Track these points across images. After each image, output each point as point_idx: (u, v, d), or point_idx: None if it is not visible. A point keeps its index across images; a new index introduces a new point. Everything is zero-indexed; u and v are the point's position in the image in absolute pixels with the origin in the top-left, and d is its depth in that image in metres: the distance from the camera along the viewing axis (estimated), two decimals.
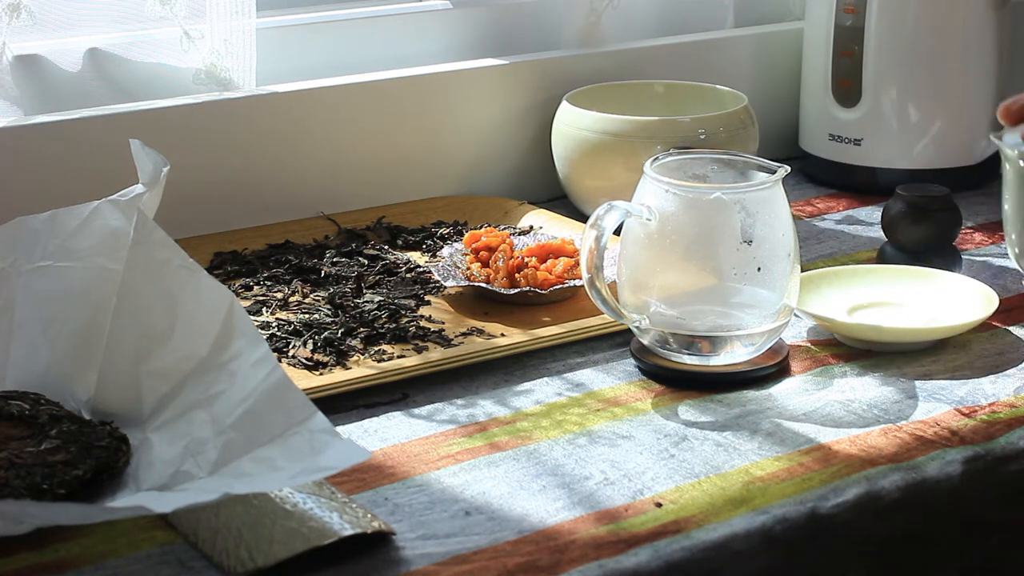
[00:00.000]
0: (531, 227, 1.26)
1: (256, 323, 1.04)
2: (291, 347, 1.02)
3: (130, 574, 0.77)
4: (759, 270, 0.97)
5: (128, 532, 0.81)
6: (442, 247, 1.21)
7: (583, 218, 1.16)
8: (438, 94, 1.33)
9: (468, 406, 0.96)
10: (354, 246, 1.22)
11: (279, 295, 1.12)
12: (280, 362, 0.89)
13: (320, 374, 0.99)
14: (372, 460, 0.88)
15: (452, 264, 1.14)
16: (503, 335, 1.06)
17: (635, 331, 1.00)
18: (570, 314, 1.09)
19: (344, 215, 1.29)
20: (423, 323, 1.07)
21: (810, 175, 1.45)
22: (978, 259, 1.22)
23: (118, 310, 0.91)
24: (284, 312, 1.09)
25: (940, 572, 0.90)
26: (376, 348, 1.03)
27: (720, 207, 0.96)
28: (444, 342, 1.04)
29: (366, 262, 1.19)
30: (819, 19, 1.41)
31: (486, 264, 1.13)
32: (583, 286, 0.97)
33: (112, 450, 0.85)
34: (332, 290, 1.12)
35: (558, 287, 1.10)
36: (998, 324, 1.08)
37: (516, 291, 1.09)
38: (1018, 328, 1.08)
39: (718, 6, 1.53)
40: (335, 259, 1.19)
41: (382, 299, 1.10)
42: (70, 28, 1.23)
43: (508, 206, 1.31)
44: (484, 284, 1.10)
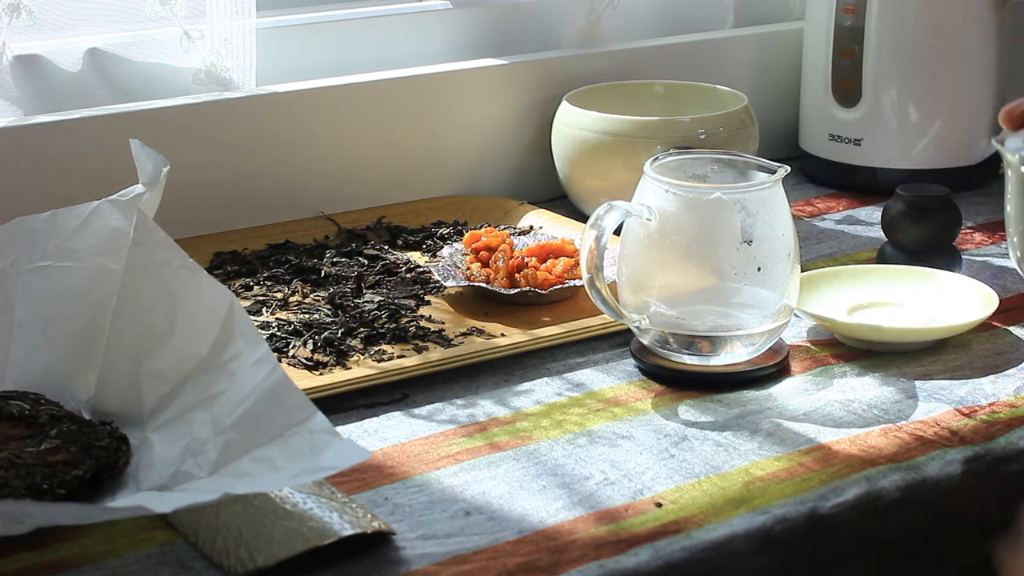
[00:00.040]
0: (531, 227, 1.26)
1: (256, 323, 1.04)
2: (291, 347, 1.02)
3: (130, 574, 0.77)
4: (759, 270, 0.97)
5: (128, 532, 0.81)
6: (442, 247, 1.21)
7: (583, 218, 1.16)
8: (438, 94, 1.33)
9: (468, 406, 0.96)
10: (354, 246, 1.22)
11: (279, 295, 1.12)
12: (280, 362, 0.89)
13: (320, 374, 0.99)
14: (372, 460, 0.88)
15: (452, 264, 1.14)
16: (503, 335, 1.05)
17: (635, 331, 1.00)
18: (570, 314, 1.09)
19: (344, 215, 1.29)
20: (423, 323, 1.07)
21: (810, 175, 1.45)
22: (978, 259, 1.22)
23: (118, 310, 0.91)
24: (284, 312, 1.09)
25: (940, 572, 0.90)
26: (376, 348, 1.03)
27: (720, 207, 0.96)
28: (444, 342, 1.04)
29: (366, 262, 1.18)
30: (819, 19, 1.41)
31: (486, 264, 1.13)
32: (583, 286, 0.97)
33: (112, 450, 0.85)
34: (332, 290, 1.12)
35: (558, 287, 1.10)
36: (998, 324, 1.08)
37: (516, 291, 1.09)
38: (1018, 328, 1.08)
39: (718, 6, 1.53)
40: (335, 259, 1.19)
41: (382, 299, 1.10)
42: (70, 28, 1.23)
43: (508, 206, 1.31)
44: (484, 284, 1.10)
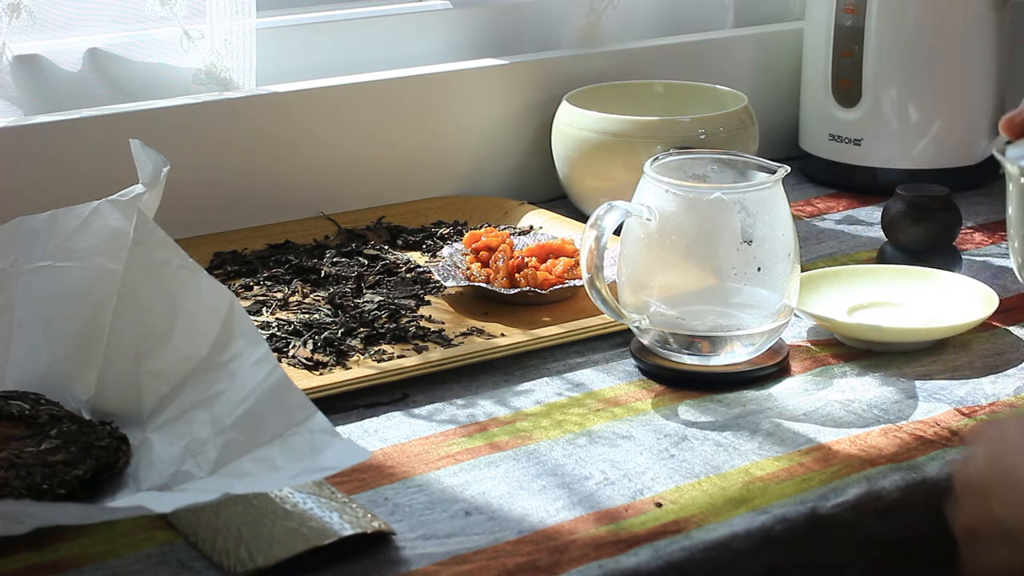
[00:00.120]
0: (531, 227, 1.26)
1: (256, 323, 1.04)
2: (291, 347, 1.02)
3: (130, 574, 0.77)
4: (759, 270, 0.97)
5: (128, 532, 0.81)
6: (442, 247, 1.21)
7: (583, 218, 1.16)
8: (438, 94, 1.33)
9: (468, 406, 0.96)
10: (354, 246, 1.22)
11: (279, 295, 1.12)
12: (280, 362, 0.89)
13: (320, 374, 0.99)
14: (372, 460, 0.88)
15: (452, 264, 1.14)
16: (503, 335, 1.05)
17: (635, 331, 1.00)
18: (570, 314, 1.09)
19: (344, 215, 1.28)
20: (423, 323, 1.07)
21: (810, 175, 1.45)
22: (978, 259, 1.22)
23: (118, 310, 0.91)
24: (284, 312, 1.09)
25: (940, 572, 0.90)
26: (376, 348, 1.03)
27: (720, 207, 0.96)
28: (444, 342, 1.04)
29: (366, 262, 1.18)
30: (819, 19, 1.41)
31: (486, 264, 1.13)
32: (583, 286, 0.97)
33: (112, 450, 0.85)
34: (332, 290, 1.12)
35: (558, 287, 1.10)
36: (998, 324, 1.08)
37: (516, 291, 1.09)
38: (1018, 328, 1.08)
39: (718, 6, 1.53)
40: (335, 259, 1.19)
41: (382, 299, 1.10)
42: (70, 28, 1.23)
43: (508, 206, 1.31)
44: (484, 284, 1.10)
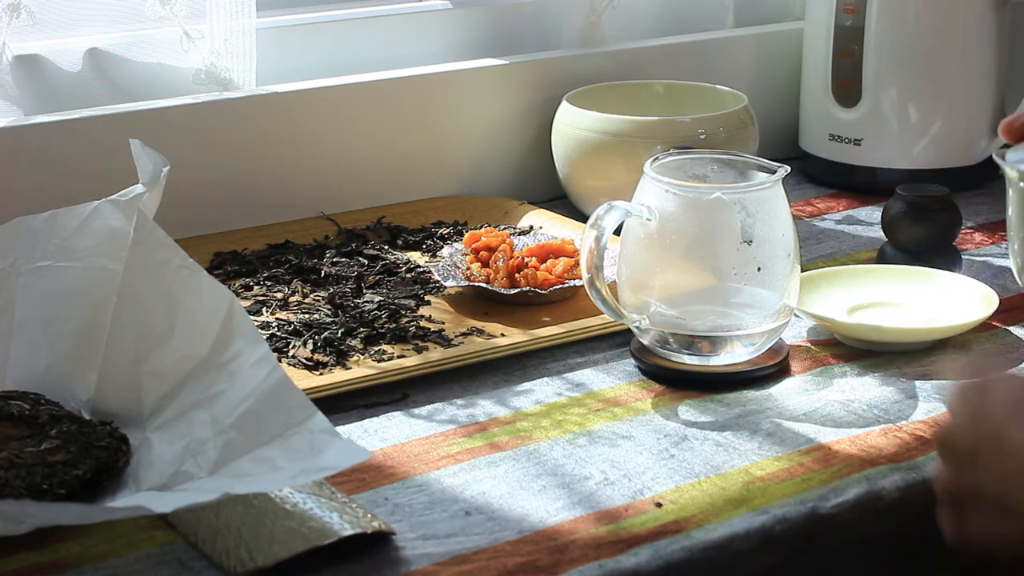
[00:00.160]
0: (531, 227, 1.26)
1: (256, 323, 1.04)
2: (291, 347, 1.02)
3: (130, 574, 0.77)
4: (759, 270, 0.97)
5: (128, 532, 0.81)
6: (442, 247, 1.20)
7: (583, 218, 1.16)
8: (438, 94, 1.33)
9: (468, 406, 0.96)
10: (354, 246, 1.22)
11: (279, 295, 1.12)
12: (280, 362, 0.89)
13: (320, 374, 0.99)
14: (372, 460, 0.88)
15: (452, 264, 1.14)
16: (503, 335, 1.05)
17: (635, 331, 1.00)
18: (570, 314, 1.09)
19: (344, 215, 1.28)
20: (423, 323, 1.07)
21: (810, 175, 1.45)
22: (978, 259, 1.22)
23: (118, 310, 0.91)
24: (284, 312, 1.09)
25: (940, 572, 0.90)
26: (376, 348, 1.03)
27: (720, 207, 0.96)
28: (444, 342, 1.04)
29: (366, 262, 1.18)
30: (819, 19, 1.41)
31: (486, 264, 1.13)
32: (583, 286, 0.97)
33: (112, 450, 0.85)
34: (332, 290, 1.12)
35: (558, 287, 1.10)
36: (998, 324, 1.08)
37: (516, 291, 1.09)
38: (1018, 328, 1.07)
39: (718, 6, 1.53)
40: (335, 259, 1.19)
41: (382, 299, 1.10)
42: (70, 28, 1.23)
43: (508, 206, 1.31)
44: (484, 284, 1.10)
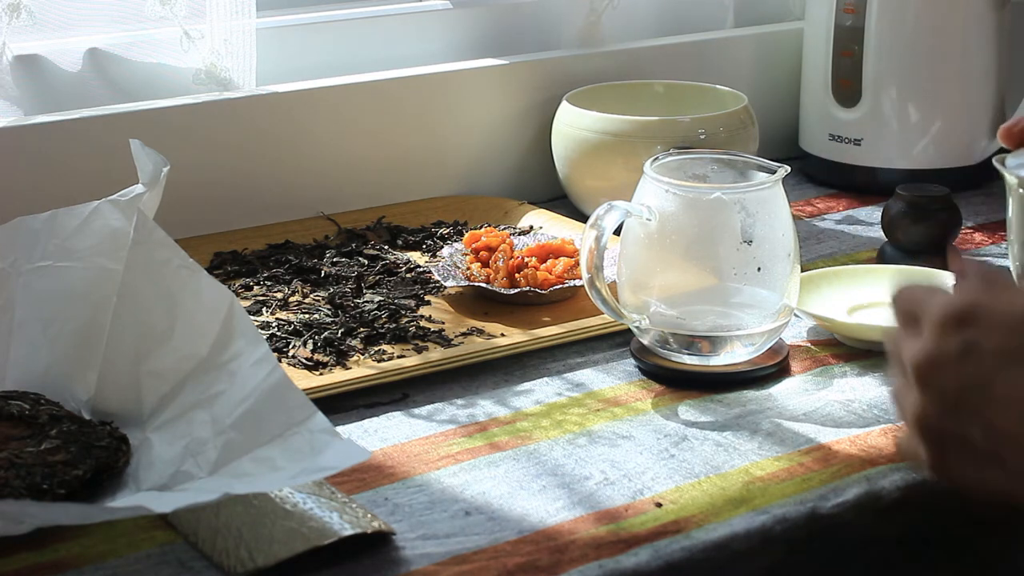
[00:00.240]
0: (531, 227, 1.26)
1: (256, 323, 1.04)
2: (291, 347, 1.02)
3: (130, 574, 0.77)
4: (759, 270, 0.97)
5: (128, 532, 0.81)
6: (442, 247, 1.20)
7: (583, 218, 1.16)
8: (438, 94, 1.33)
9: (468, 406, 0.96)
10: (354, 246, 1.22)
11: (279, 295, 1.12)
12: (280, 362, 0.89)
13: (320, 374, 0.99)
14: (372, 460, 0.88)
15: (452, 264, 1.14)
16: (503, 335, 1.05)
17: (635, 331, 1.00)
18: (570, 314, 1.09)
19: (344, 215, 1.28)
20: (423, 323, 1.07)
21: (810, 175, 1.45)
22: (978, 259, 1.22)
23: (118, 310, 0.91)
24: (284, 312, 1.09)
25: (940, 572, 0.90)
26: (376, 348, 1.03)
27: (720, 207, 0.96)
28: (444, 342, 1.04)
29: (366, 262, 1.18)
30: (819, 19, 1.41)
31: (486, 264, 1.13)
32: (583, 286, 0.97)
33: (112, 450, 0.85)
34: (332, 290, 1.12)
35: (558, 287, 1.10)
36: None
37: (516, 291, 1.09)
38: None
39: (718, 6, 1.53)
40: (335, 259, 1.19)
41: (382, 299, 1.10)
42: (70, 28, 1.23)
43: (508, 206, 1.31)
44: (484, 284, 1.10)
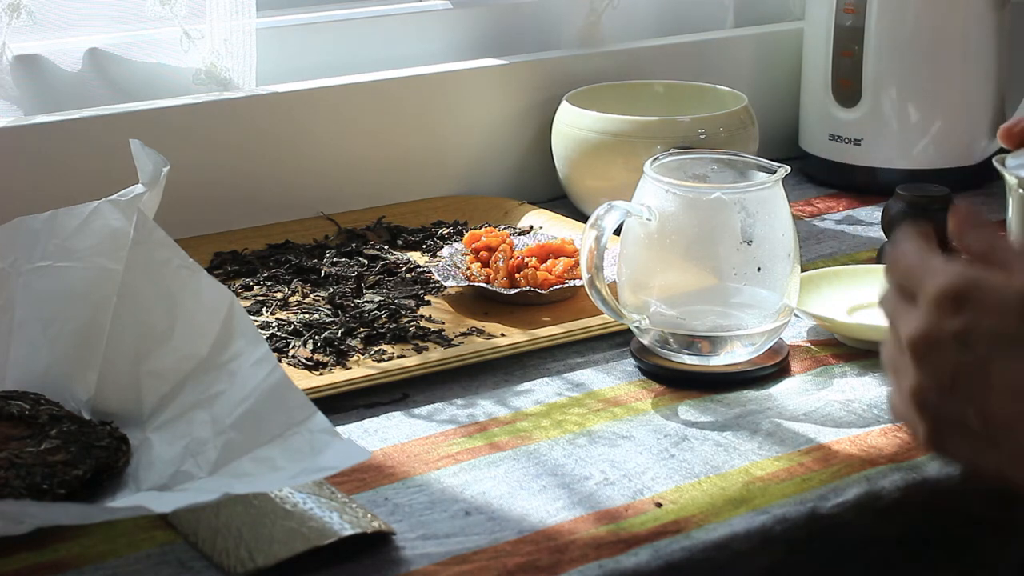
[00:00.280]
0: (531, 227, 1.26)
1: (256, 323, 1.04)
2: (291, 347, 1.02)
3: (130, 574, 0.77)
4: (759, 270, 0.97)
5: (128, 532, 0.81)
6: (442, 247, 1.20)
7: (583, 218, 1.16)
8: (438, 94, 1.33)
9: (468, 406, 0.96)
10: (354, 246, 1.22)
11: (279, 295, 1.12)
12: (280, 362, 0.89)
13: (320, 374, 0.99)
14: (372, 460, 0.88)
15: (452, 264, 1.14)
16: (503, 335, 1.05)
17: (635, 331, 1.00)
18: (570, 314, 1.09)
19: (344, 215, 1.28)
20: (423, 323, 1.07)
21: (810, 175, 1.45)
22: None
23: (118, 310, 0.91)
24: (284, 312, 1.09)
25: (940, 572, 0.90)
26: (376, 348, 1.03)
27: (720, 207, 0.96)
28: (444, 342, 1.04)
29: (366, 262, 1.18)
30: (819, 19, 1.41)
31: (486, 264, 1.13)
32: (583, 286, 0.97)
33: (112, 450, 0.85)
34: (332, 290, 1.12)
35: (558, 287, 1.10)
36: None
37: (516, 291, 1.09)
38: None
39: (718, 6, 1.53)
40: (335, 259, 1.19)
41: (382, 299, 1.10)
42: (70, 28, 1.23)
43: (508, 206, 1.31)
44: (484, 284, 1.10)
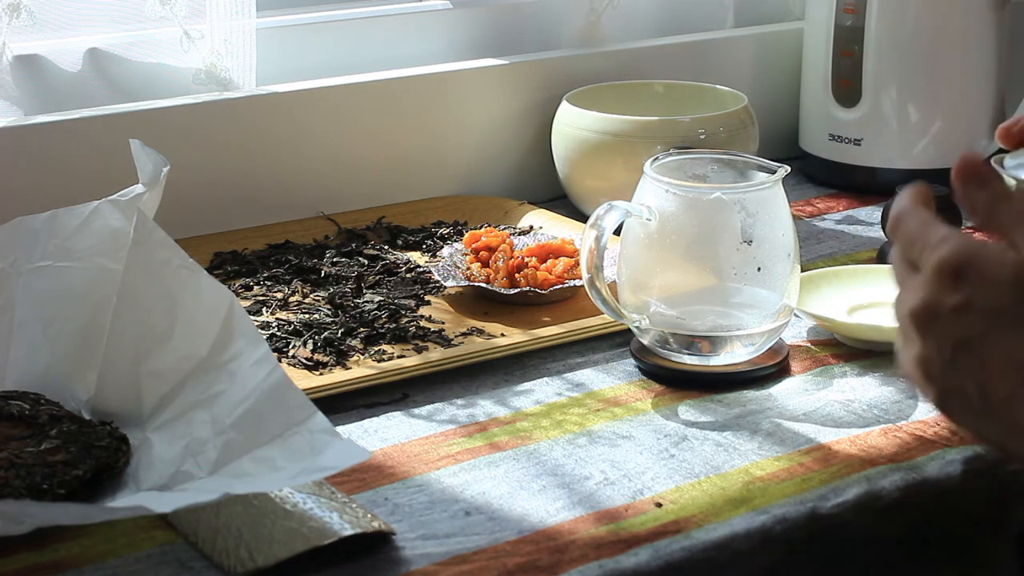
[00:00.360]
0: (531, 227, 1.26)
1: (256, 323, 1.04)
2: (291, 347, 1.02)
3: (130, 574, 0.77)
4: (759, 270, 0.97)
5: (128, 532, 0.81)
6: (442, 247, 1.20)
7: (583, 218, 1.16)
8: (438, 94, 1.33)
9: (468, 406, 0.96)
10: (354, 246, 1.22)
11: (279, 295, 1.12)
12: (280, 362, 0.89)
13: (320, 374, 0.99)
14: (372, 460, 0.88)
15: (452, 264, 1.14)
16: (503, 335, 1.05)
17: (635, 331, 1.00)
18: (570, 314, 1.09)
19: (344, 215, 1.28)
20: (423, 323, 1.07)
21: (810, 175, 1.45)
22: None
23: (118, 310, 0.91)
24: (284, 312, 1.09)
25: (940, 572, 0.90)
26: (376, 348, 1.03)
27: (720, 207, 0.96)
28: (444, 342, 1.04)
29: (366, 262, 1.18)
30: (819, 19, 1.41)
31: (486, 264, 1.13)
32: (583, 286, 0.97)
33: (112, 450, 0.85)
34: (332, 290, 1.12)
35: (558, 287, 1.10)
36: None
37: (516, 291, 1.09)
38: None
39: (718, 6, 1.53)
40: (335, 259, 1.19)
41: (382, 299, 1.10)
42: (70, 28, 1.23)
43: (508, 206, 1.31)
44: (484, 284, 1.10)
